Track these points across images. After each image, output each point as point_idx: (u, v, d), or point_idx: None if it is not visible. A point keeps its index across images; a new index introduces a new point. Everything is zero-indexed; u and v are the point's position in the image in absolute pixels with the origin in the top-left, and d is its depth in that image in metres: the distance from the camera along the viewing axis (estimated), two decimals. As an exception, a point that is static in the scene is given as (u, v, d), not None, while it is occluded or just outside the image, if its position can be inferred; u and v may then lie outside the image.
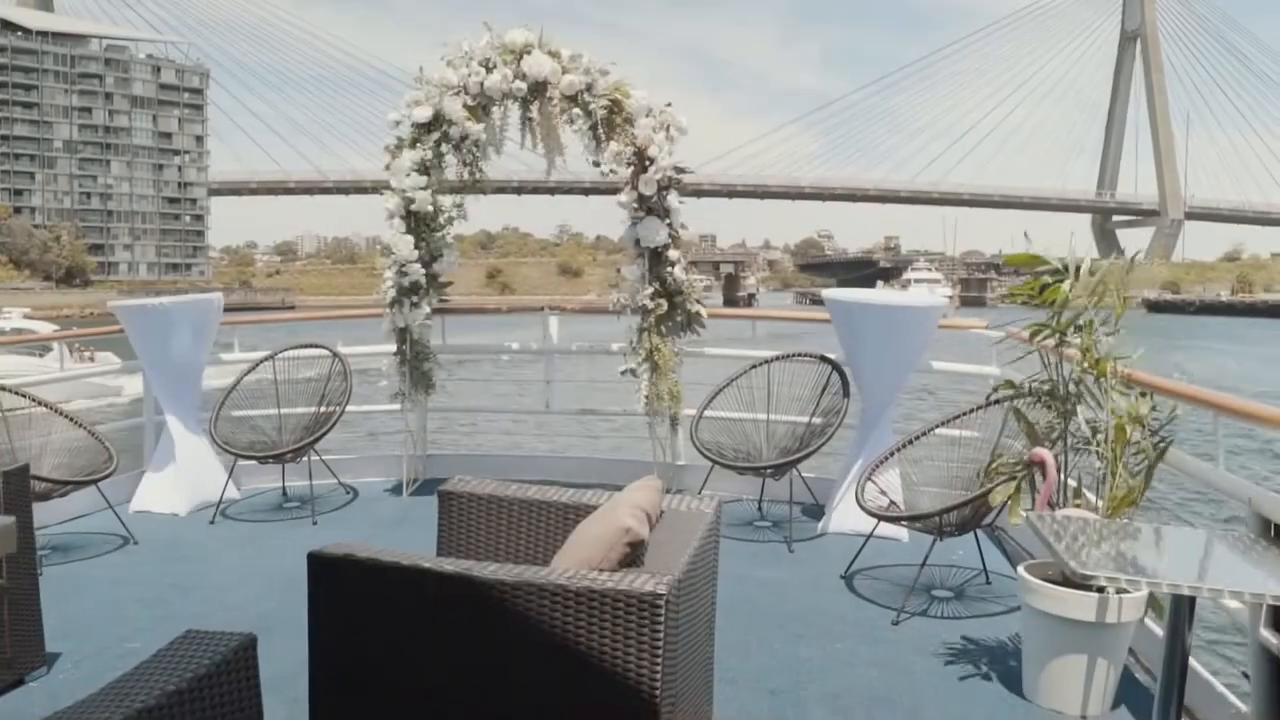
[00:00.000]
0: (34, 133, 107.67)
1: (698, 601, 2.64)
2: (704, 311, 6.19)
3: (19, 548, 3.60)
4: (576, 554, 2.68)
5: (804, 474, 5.90)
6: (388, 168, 6.04)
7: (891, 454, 4.98)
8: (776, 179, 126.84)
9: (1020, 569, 3.62)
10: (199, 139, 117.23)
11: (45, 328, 29.93)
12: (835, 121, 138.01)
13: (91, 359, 21.59)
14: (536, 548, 3.16)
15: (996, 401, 4.67)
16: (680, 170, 5.93)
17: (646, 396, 6.04)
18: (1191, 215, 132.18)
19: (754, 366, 6.04)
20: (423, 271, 6.03)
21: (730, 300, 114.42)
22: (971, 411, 4.90)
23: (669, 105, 5.95)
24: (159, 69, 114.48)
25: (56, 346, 7.52)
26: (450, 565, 2.44)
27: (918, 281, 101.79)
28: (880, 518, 4.71)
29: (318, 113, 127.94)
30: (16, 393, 5.38)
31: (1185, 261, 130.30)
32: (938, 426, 5.02)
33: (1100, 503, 3.67)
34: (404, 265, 5.97)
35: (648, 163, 5.79)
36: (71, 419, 5.45)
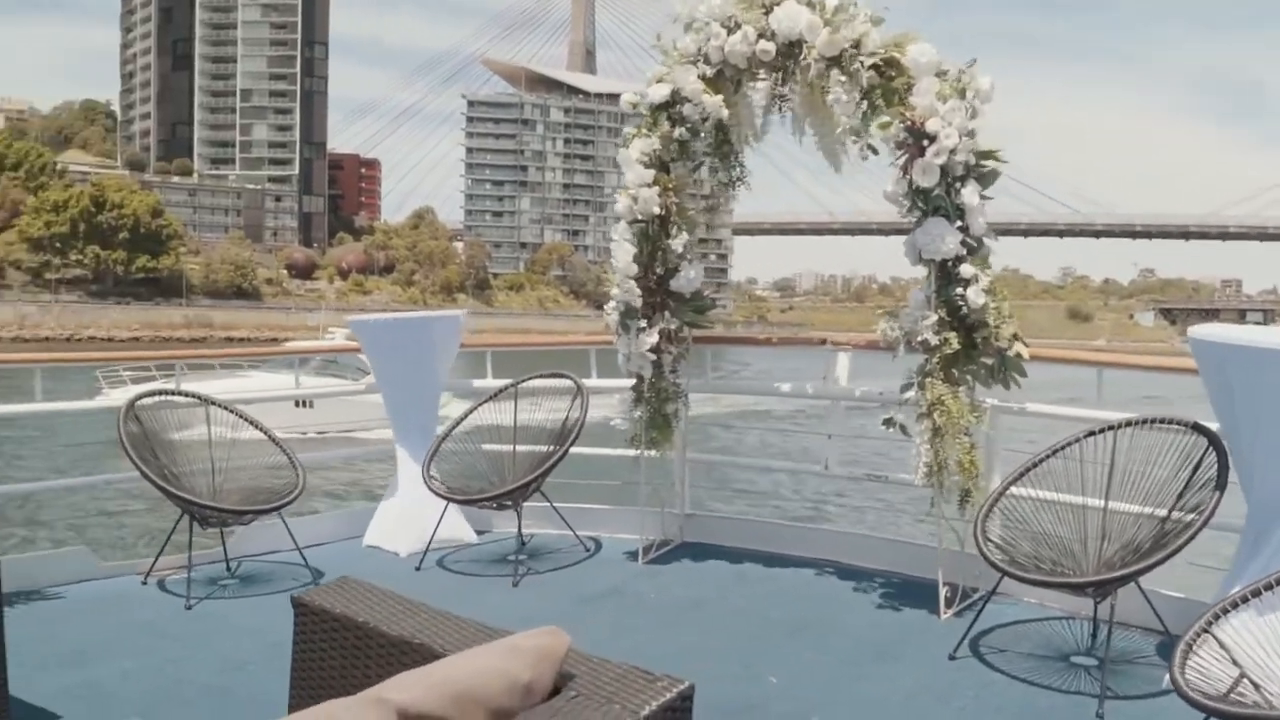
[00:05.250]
0: (589, 181, 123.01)
1: None
2: (1025, 352, 4.38)
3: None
4: None
5: (1157, 590, 3.92)
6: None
7: (1253, 594, 2.96)
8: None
9: None
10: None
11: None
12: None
13: None
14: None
15: None
16: (984, 154, 4.23)
17: (927, 464, 4.36)
18: None
19: (1091, 434, 4.12)
20: (638, 292, 4.90)
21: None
22: None
23: (974, 62, 4.28)
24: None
25: None
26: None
27: None
28: (1211, 712, 2.73)
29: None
30: (217, 404, 5.11)
31: None
32: None
33: None
34: (624, 280, 4.89)
35: (926, 142, 4.16)
36: (269, 436, 5.07)
